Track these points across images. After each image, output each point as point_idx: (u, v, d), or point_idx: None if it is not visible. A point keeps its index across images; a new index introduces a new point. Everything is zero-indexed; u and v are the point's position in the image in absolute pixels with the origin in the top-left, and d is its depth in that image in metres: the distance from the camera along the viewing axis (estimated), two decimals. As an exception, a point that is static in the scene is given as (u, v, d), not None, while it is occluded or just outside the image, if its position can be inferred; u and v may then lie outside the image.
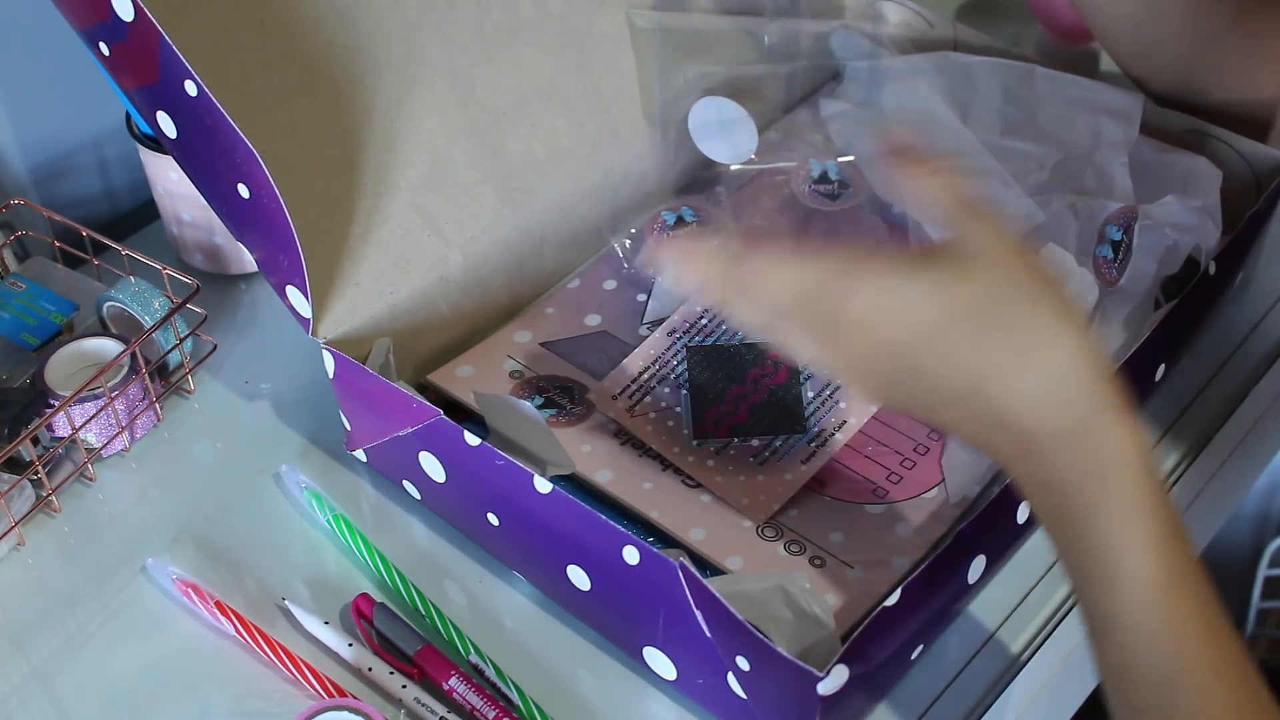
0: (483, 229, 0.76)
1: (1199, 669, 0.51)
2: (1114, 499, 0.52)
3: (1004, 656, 0.67)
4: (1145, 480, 0.52)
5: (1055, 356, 0.52)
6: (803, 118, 0.89)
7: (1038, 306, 0.53)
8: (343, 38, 0.73)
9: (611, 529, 0.61)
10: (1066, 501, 0.52)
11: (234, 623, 0.67)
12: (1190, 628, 0.51)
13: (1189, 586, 0.52)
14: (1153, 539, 0.51)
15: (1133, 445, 0.52)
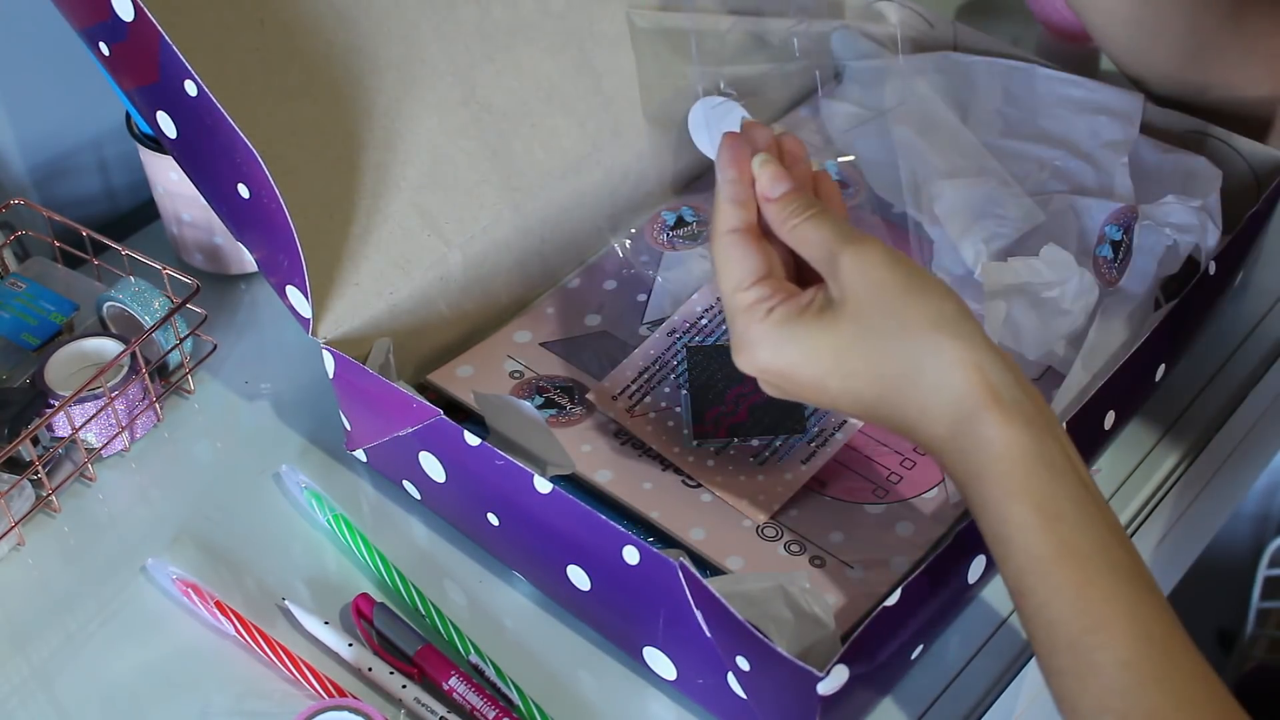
0: (483, 229, 0.76)
1: (1102, 630, 0.53)
2: (991, 493, 0.56)
3: (1004, 656, 0.67)
4: (1019, 471, 0.55)
5: (929, 373, 0.57)
6: (803, 118, 0.89)
7: (907, 330, 0.57)
8: (343, 38, 0.73)
9: (611, 529, 0.61)
10: (964, 493, 0.57)
11: (234, 623, 0.67)
12: (1089, 593, 0.54)
13: (1080, 553, 0.54)
14: (1032, 520, 0.55)
15: (1001, 444, 0.55)
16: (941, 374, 0.56)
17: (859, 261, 0.58)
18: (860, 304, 0.58)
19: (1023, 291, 0.72)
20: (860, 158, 0.85)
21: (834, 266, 0.59)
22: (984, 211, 0.77)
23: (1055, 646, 0.54)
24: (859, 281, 0.58)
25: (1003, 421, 0.55)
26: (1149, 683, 0.53)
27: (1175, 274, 0.75)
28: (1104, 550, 0.55)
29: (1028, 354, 0.73)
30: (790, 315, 0.59)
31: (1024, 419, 0.55)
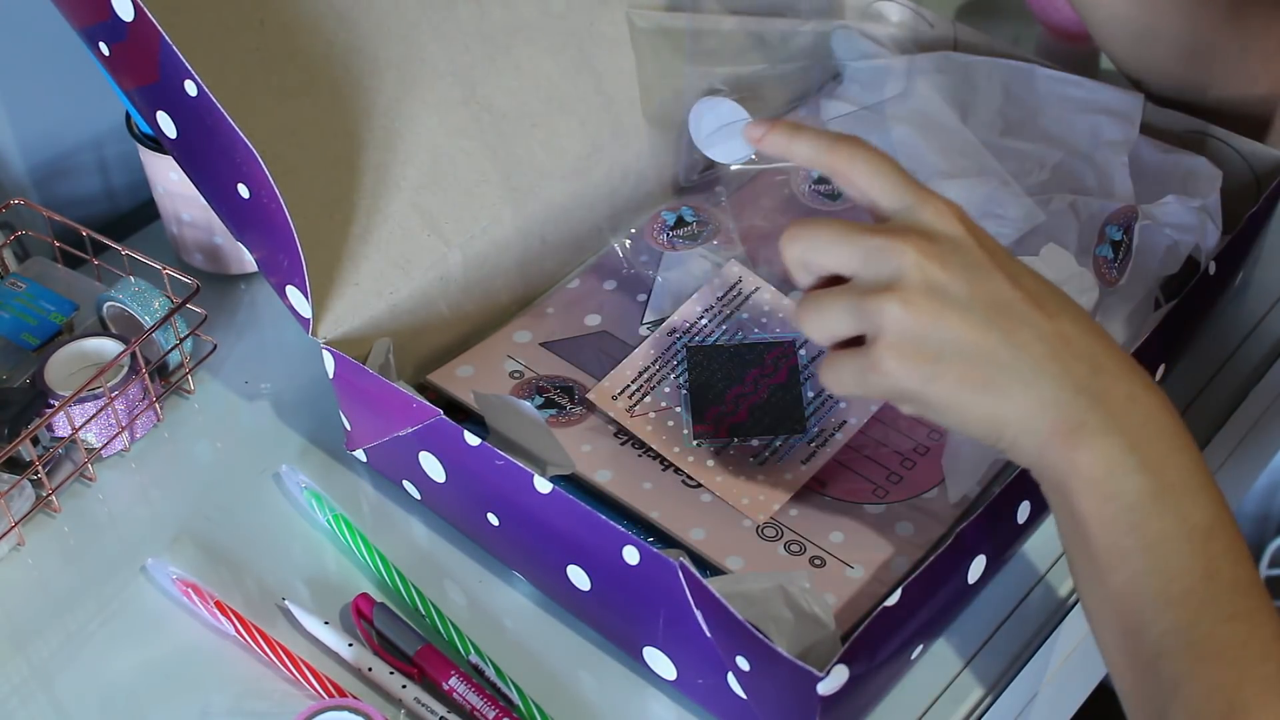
0: (483, 229, 0.76)
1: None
2: (1075, 507, 0.55)
3: (1004, 656, 0.67)
4: (1106, 494, 0.55)
5: (1026, 392, 0.56)
6: (803, 118, 0.89)
7: (1015, 354, 0.56)
8: (343, 38, 0.73)
9: (611, 529, 0.61)
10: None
11: (234, 623, 0.67)
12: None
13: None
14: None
15: (1088, 470, 0.55)
16: (1035, 398, 0.56)
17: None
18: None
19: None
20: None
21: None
22: (984, 211, 0.77)
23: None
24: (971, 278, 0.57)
25: (1095, 440, 0.55)
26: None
27: (1175, 274, 0.75)
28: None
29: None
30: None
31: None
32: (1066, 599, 0.70)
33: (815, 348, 0.75)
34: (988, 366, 0.56)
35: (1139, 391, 0.56)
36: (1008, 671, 0.67)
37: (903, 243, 0.56)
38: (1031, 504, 0.66)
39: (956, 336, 0.56)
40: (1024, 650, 0.68)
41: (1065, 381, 0.55)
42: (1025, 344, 0.56)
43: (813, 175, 0.84)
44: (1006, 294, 0.56)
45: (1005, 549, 0.69)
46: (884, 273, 0.56)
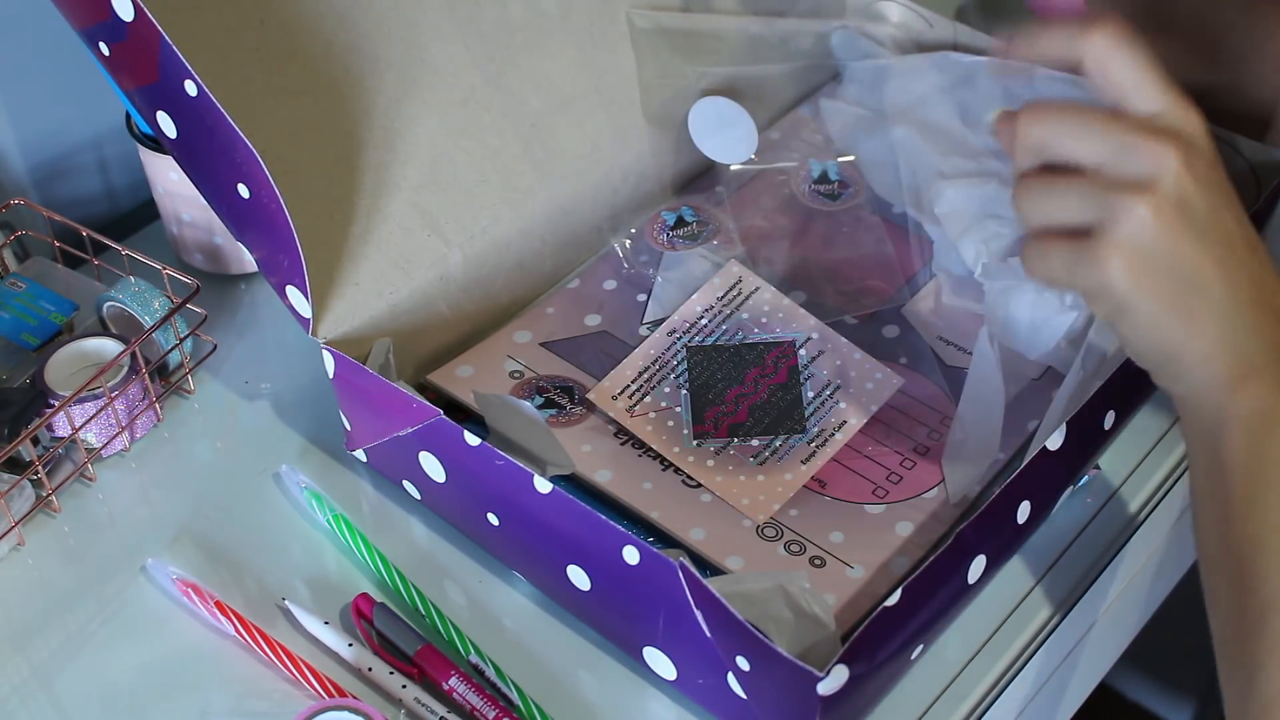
0: (483, 229, 0.76)
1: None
2: (1223, 449, 0.56)
3: (1004, 656, 0.67)
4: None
5: (1221, 331, 0.56)
6: (803, 118, 0.89)
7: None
8: (343, 38, 0.73)
9: (611, 529, 0.61)
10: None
11: (234, 623, 0.67)
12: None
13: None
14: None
15: (1247, 414, 0.55)
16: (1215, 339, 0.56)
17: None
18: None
19: (1023, 291, 0.72)
20: (860, 158, 0.85)
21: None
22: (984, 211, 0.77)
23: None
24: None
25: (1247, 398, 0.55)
26: None
27: (1175, 274, 0.75)
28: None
29: (1028, 354, 0.73)
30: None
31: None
32: (1067, 599, 0.70)
33: (815, 347, 0.75)
34: (1200, 297, 0.55)
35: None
36: (1007, 671, 0.67)
37: (1167, 147, 0.55)
38: (1031, 504, 0.66)
39: (1186, 259, 0.55)
40: (1024, 650, 0.68)
41: (1258, 328, 0.56)
42: (1238, 285, 0.56)
43: (813, 175, 0.84)
44: (1235, 230, 0.56)
45: (1005, 549, 0.69)
46: (1139, 171, 0.55)
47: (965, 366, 0.73)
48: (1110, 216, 0.55)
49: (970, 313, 0.77)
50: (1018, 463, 0.70)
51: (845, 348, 0.76)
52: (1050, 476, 0.67)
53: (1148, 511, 0.74)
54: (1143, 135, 0.55)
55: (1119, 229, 0.55)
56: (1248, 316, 0.56)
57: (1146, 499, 0.74)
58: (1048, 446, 0.64)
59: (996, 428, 0.71)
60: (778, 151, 0.86)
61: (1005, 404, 0.71)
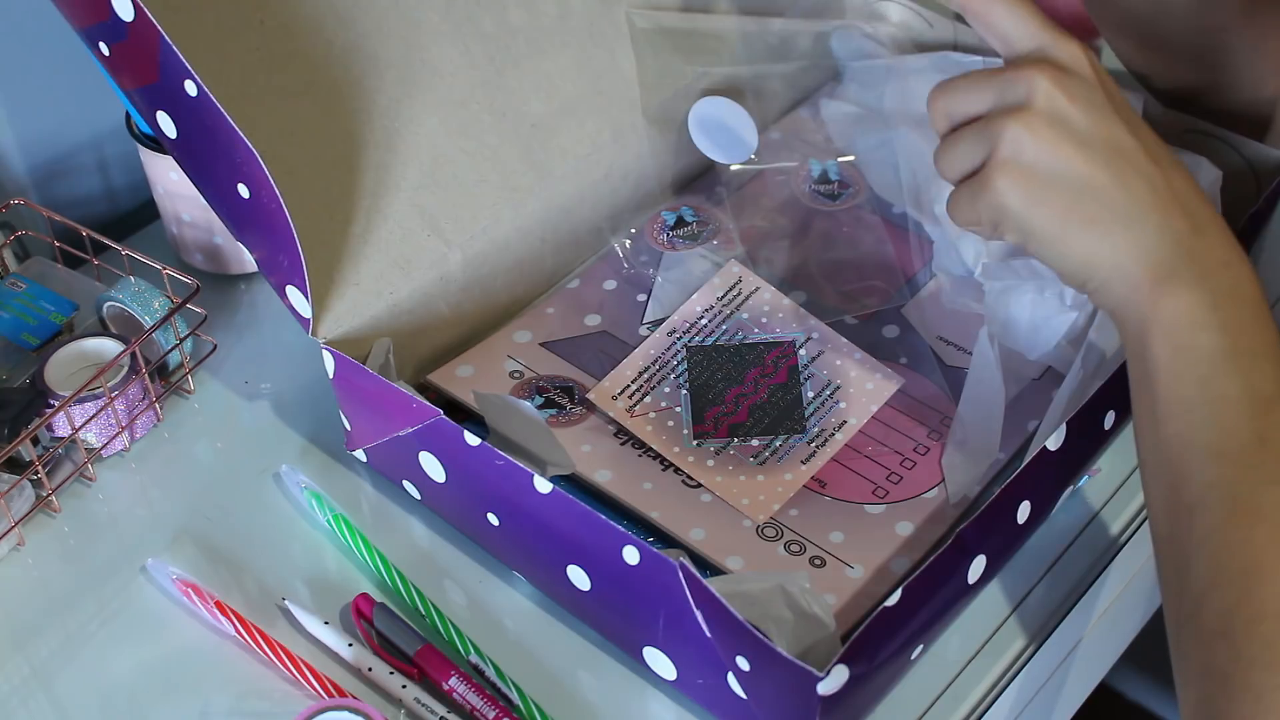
0: (483, 229, 0.76)
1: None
2: (1149, 353, 0.58)
3: (1004, 656, 0.67)
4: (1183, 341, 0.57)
5: (1127, 235, 0.58)
6: (803, 118, 0.89)
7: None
8: (343, 38, 0.73)
9: (611, 529, 0.61)
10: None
11: (234, 623, 0.67)
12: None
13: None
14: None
15: (1170, 318, 0.57)
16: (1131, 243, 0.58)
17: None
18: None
19: (1023, 291, 0.72)
20: (860, 158, 0.85)
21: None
22: (984, 211, 0.77)
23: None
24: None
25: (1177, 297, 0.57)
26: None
27: (1175, 274, 0.75)
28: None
29: (1028, 354, 0.73)
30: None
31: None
32: (1067, 599, 0.70)
33: (815, 347, 0.75)
34: (1096, 204, 0.58)
35: (1233, 258, 0.58)
36: (1008, 672, 0.67)
37: (1034, 71, 0.58)
38: (1031, 504, 0.66)
39: (1071, 168, 0.58)
40: (1024, 650, 0.68)
41: (1166, 232, 0.58)
42: (1136, 189, 0.58)
43: (813, 175, 0.84)
44: (1125, 140, 0.58)
45: (1005, 549, 0.69)
46: (1012, 98, 0.58)
47: (965, 366, 0.73)
48: (992, 142, 0.58)
49: (970, 313, 0.77)
50: (1018, 463, 0.70)
51: (845, 348, 0.76)
52: (1050, 476, 0.67)
53: (1147, 512, 0.74)
54: (1013, 69, 0.59)
55: (998, 151, 0.58)
56: (1153, 219, 0.58)
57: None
58: (1048, 446, 0.64)
59: (996, 428, 0.71)
60: (778, 151, 0.86)
61: (1005, 404, 0.71)
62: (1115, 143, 0.58)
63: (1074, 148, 0.58)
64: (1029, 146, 0.58)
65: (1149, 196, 0.58)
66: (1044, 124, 0.58)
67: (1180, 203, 0.58)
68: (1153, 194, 0.58)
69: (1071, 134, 0.58)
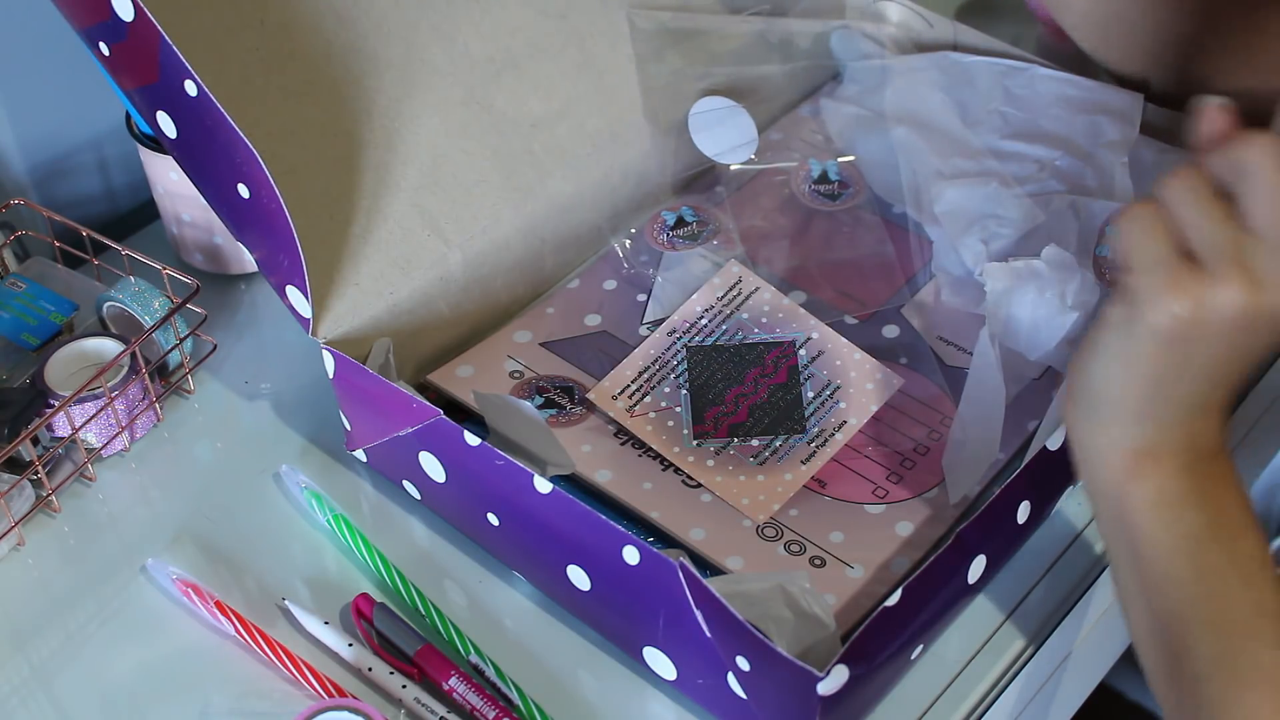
0: (483, 229, 0.76)
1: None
2: (1133, 529, 0.58)
3: (1004, 656, 0.67)
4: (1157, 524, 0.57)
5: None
6: (803, 118, 0.89)
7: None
8: (343, 38, 0.73)
9: (611, 529, 0.61)
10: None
11: (234, 623, 0.67)
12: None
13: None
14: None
15: (1154, 496, 0.57)
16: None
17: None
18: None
19: (1023, 291, 0.72)
20: (860, 158, 0.85)
21: None
22: (984, 211, 0.77)
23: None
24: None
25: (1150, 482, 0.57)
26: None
27: (1175, 274, 0.75)
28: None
29: (1028, 354, 0.73)
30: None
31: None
32: (1067, 599, 0.70)
33: (815, 347, 0.75)
34: (1179, 385, 0.56)
35: (1216, 442, 0.58)
36: (1008, 671, 0.67)
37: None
38: (1031, 504, 0.66)
39: (1213, 355, 0.55)
40: (1024, 650, 0.68)
41: (1187, 429, 0.57)
42: (1202, 400, 0.57)
43: (813, 175, 0.84)
44: (1246, 366, 0.57)
45: (1005, 549, 0.69)
46: (1270, 271, 0.54)
47: (965, 366, 0.73)
48: (1217, 272, 0.54)
49: (970, 313, 0.77)
50: (1018, 463, 0.70)
51: (845, 348, 0.76)
52: (1050, 476, 0.67)
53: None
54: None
55: (1212, 288, 0.54)
56: (1192, 419, 0.57)
57: (1146, 499, 0.74)
58: (1048, 446, 0.64)
59: (996, 428, 0.71)
60: (778, 151, 0.86)
61: (1005, 404, 0.71)
62: (1243, 367, 0.57)
63: (1229, 350, 0.55)
64: (1221, 317, 0.54)
65: (1208, 400, 0.57)
66: (1249, 318, 0.54)
67: (1220, 407, 0.58)
68: (1213, 400, 0.58)
69: (1245, 341, 0.55)
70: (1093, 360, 0.58)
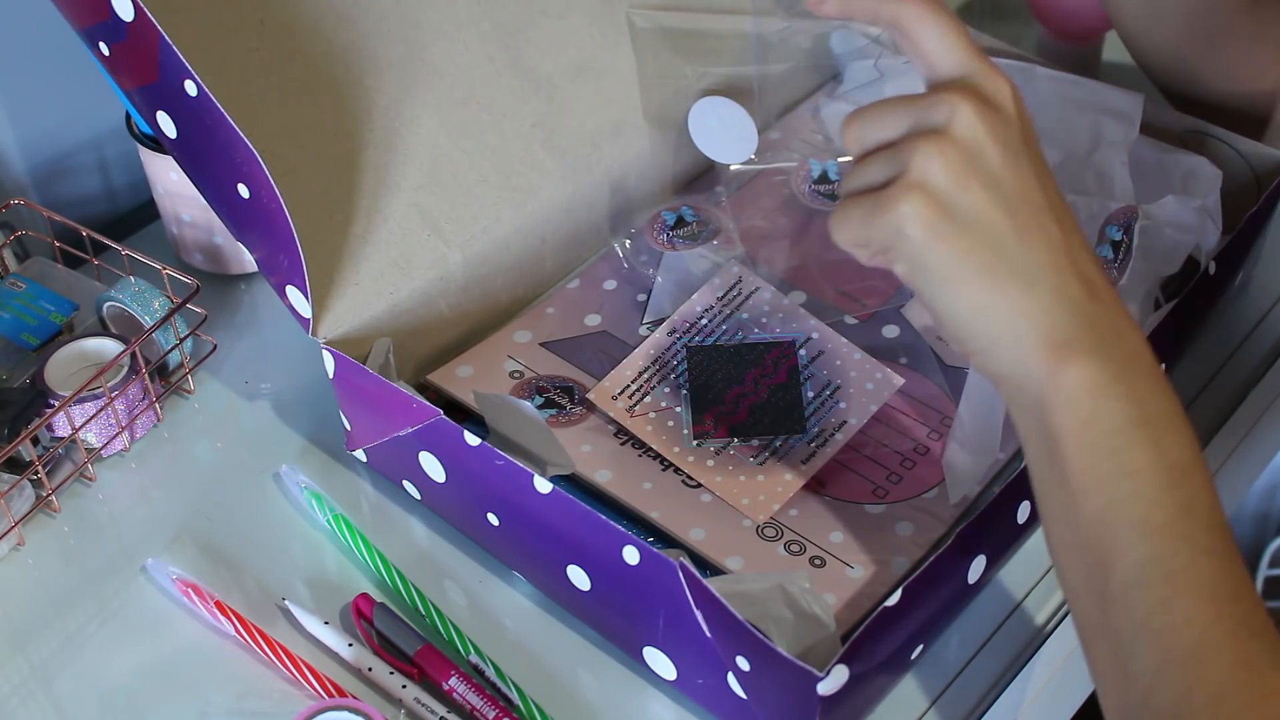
0: (483, 229, 0.76)
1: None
2: (1053, 426, 0.54)
3: (1004, 656, 0.67)
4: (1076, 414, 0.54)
5: (1024, 293, 0.54)
6: (803, 118, 0.89)
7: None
8: (343, 37, 0.73)
9: (611, 529, 0.61)
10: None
11: (234, 623, 0.67)
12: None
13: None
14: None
15: (1073, 388, 0.53)
16: (1030, 313, 0.55)
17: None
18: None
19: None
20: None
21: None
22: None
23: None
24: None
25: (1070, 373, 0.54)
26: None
27: (1175, 274, 0.75)
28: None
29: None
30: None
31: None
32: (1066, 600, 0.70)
33: (815, 347, 0.75)
34: (994, 252, 0.54)
35: (1126, 326, 0.55)
36: (1008, 671, 0.67)
37: (958, 97, 0.54)
38: (1032, 504, 0.66)
39: (977, 207, 0.54)
40: (1024, 650, 0.68)
41: (1064, 296, 0.54)
42: (1036, 246, 0.54)
43: (813, 175, 0.84)
44: (1034, 192, 0.55)
45: (1005, 549, 0.69)
46: (930, 122, 0.54)
47: (965, 366, 0.73)
48: (901, 162, 0.54)
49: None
50: (1018, 463, 0.70)
51: (845, 348, 0.76)
52: (1050, 476, 0.67)
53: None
54: (934, 93, 0.55)
55: (908, 173, 0.53)
56: (1051, 279, 0.54)
57: (1146, 499, 0.74)
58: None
59: (996, 428, 0.70)
60: (778, 151, 0.86)
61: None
62: (1025, 192, 0.54)
63: (984, 187, 0.54)
64: (940, 173, 0.53)
65: (1048, 255, 0.54)
66: (958, 154, 0.53)
67: (1078, 267, 0.55)
68: (1051, 252, 0.54)
69: (984, 172, 0.54)
70: (935, 313, 0.56)
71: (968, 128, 0.54)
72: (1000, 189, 0.54)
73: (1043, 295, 0.54)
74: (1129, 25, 0.83)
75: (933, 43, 0.56)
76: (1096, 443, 0.53)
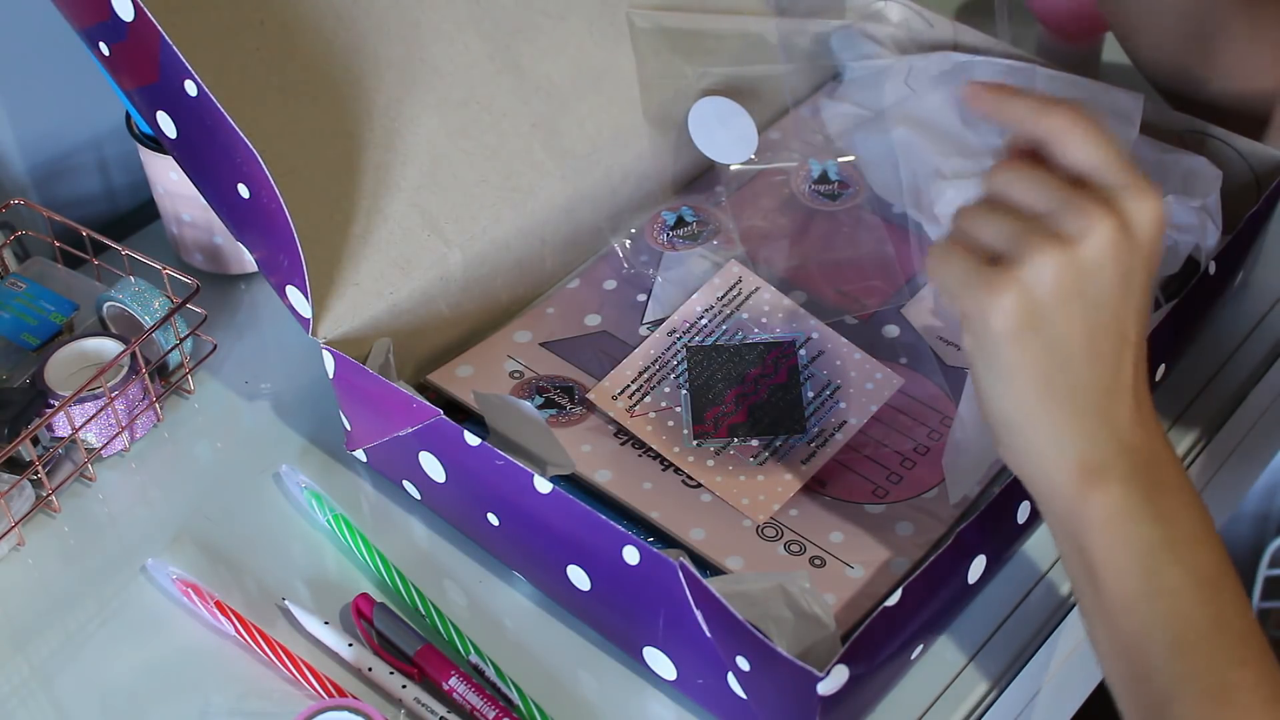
0: (483, 229, 0.76)
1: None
2: (1086, 548, 0.56)
3: (1004, 656, 0.67)
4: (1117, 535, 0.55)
5: (1072, 420, 0.55)
6: (803, 118, 0.89)
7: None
8: (343, 37, 0.73)
9: (611, 529, 0.61)
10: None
11: (234, 623, 0.67)
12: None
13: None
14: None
15: (1103, 512, 0.55)
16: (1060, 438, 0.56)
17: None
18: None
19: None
20: (860, 158, 0.85)
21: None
22: (984, 211, 0.77)
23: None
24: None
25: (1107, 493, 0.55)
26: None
27: (1175, 274, 0.75)
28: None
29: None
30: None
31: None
32: (1067, 599, 0.70)
33: (815, 347, 0.75)
34: (1060, 369, 0.54)
35: (1160, 446, 0.56)
36: (1008, 671, 0.67)
37: (1103, 214, 0.53)
38: (1032, 504, 0.66)
39: (1065, 327, 0.54)
40: (1024, 650, 0.68)
41: (1109, 421, 0.55)
42: (1102, 373, 0.55)
43: (813, 175, 0.84)
44: (1126, 324, 0.55)
45: (1005, 549, 0.69)
46: (1069, 226, 0.54)
47: (965, 366, 0.73)
48: (1021, 254, 0.54)
49: (970, 313, 0.77)
50: (1018, 463, 0.70)
51: (845, 348, 0.76)
52: (1050, 476, 0.67)
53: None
54: (1088, 198, 0.54)
55: (1019, 266, 0.53)
56: (1102, 405, 0.55)
57: (1146, 499, 0.74)
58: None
59: (996, 428, 0.71)
60: (778, 151, 0.86)
61: (1005, 404, 0.71)
62: (1118, 323, 0.55)
63: (1082, 309, 0.54)
64: (1048, 284, 0.53)
65: (1110, 382, 0.55)
66: (1074, 272, 0.53)
67: (1132, 391, 0.56)
68: (1114, 379, 0.55)
69: (1090, 294, 0.54)
70: (982, 396, 0.57)
71: (1096, 249, 0.53)
72: (1096, 314, 0.54)
73: (1090, 421, 0.55)
74: (1124, 26, 0.83)
75: (1085, 153, 0.55)
76: (1128, 565, 0.55)
